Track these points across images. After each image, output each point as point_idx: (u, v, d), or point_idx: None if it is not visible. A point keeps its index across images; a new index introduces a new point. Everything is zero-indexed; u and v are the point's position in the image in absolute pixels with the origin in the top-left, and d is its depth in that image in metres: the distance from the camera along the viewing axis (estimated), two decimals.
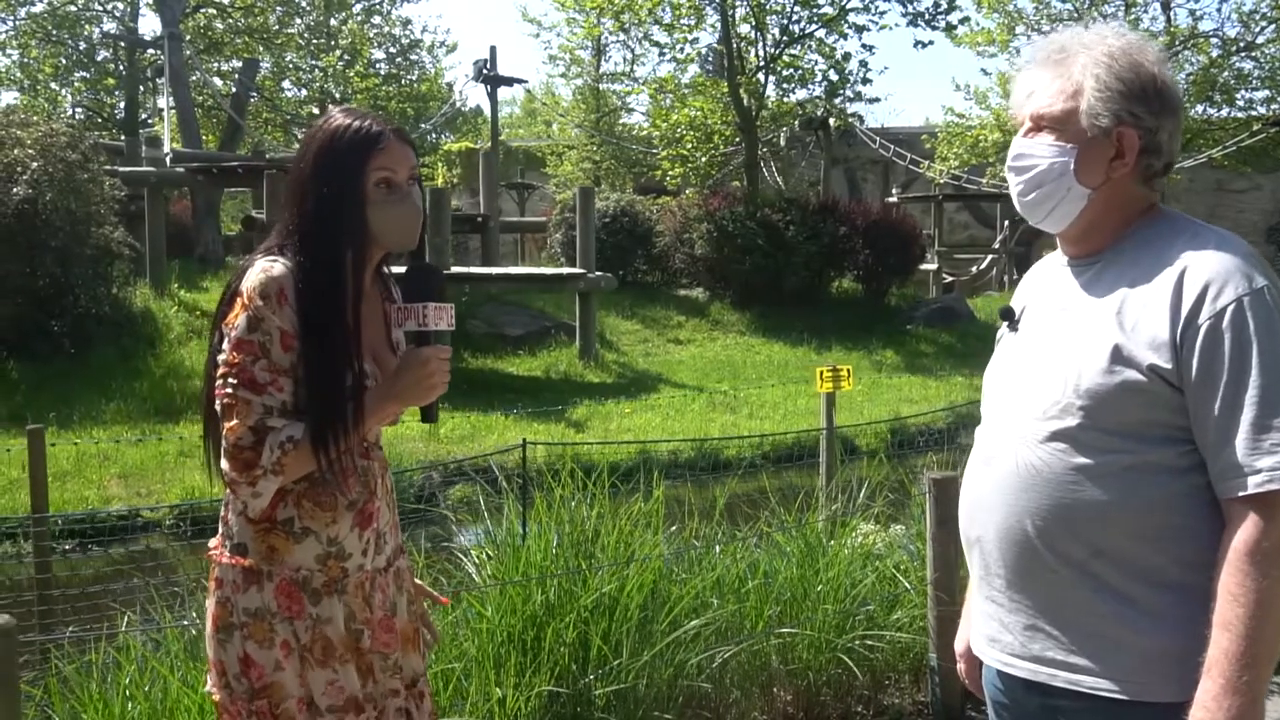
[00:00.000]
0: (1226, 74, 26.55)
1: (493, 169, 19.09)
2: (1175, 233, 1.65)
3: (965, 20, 20.93)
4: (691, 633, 3.45)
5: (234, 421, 1.82)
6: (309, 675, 1.91)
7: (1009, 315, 1.89)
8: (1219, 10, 45.54)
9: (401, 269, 2.03)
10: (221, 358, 1.85)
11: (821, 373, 5.51)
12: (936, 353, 16.75)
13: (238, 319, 1.85)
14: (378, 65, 31.76)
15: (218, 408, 1.86)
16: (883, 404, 12.80)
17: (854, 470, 7.52)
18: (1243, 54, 26.48)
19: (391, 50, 32.39)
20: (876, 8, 19.14)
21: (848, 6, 19.06)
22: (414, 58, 32.89)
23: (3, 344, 11.90)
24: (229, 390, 1.83)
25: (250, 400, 1.82)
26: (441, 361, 1.91)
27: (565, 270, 14.45)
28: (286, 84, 30.81)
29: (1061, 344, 1.67)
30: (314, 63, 28.99)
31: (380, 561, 2.01)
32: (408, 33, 32.84)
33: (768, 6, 18.89)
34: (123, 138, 21.76)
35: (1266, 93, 25.80)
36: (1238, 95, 25.47)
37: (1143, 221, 1.69)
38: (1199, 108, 26.81)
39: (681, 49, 20.21)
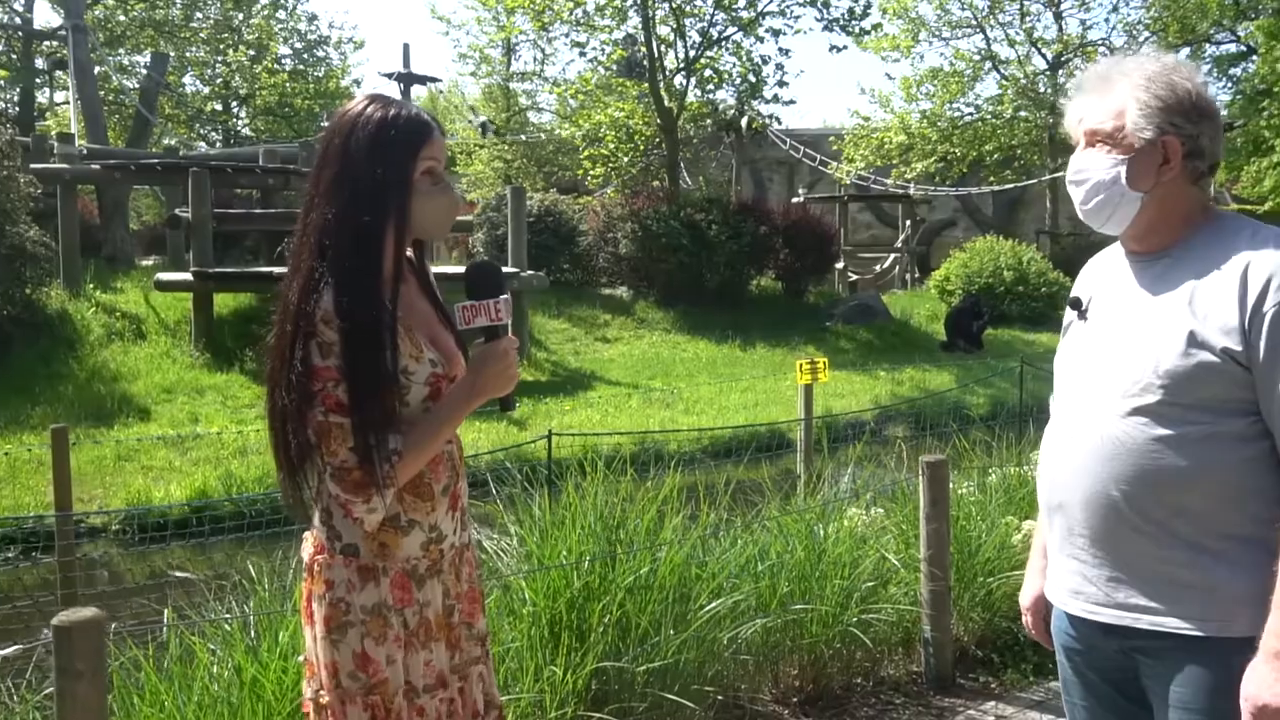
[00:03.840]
0: None
1: None
2: (1235, 231, 1.88)
3: (877, 26, 21.58)
4: (720, 611, 3.65)
5: (333, 446, 1.86)
6: (410, 660, 1.98)
7: (1077, 305, 2.12)
8: (1107, 20, 47.61)
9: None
10: (303, 389, 1.87)
11: (801, 365, 5.77)
12: (857, 349, 17.27)
13: (306, 348, 1.87)
14: (283, 61, 31.13)
15: (311, 436, 1.89)
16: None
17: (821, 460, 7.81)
18: None
19: (297, 46, 31.80)
20: (791, 12, 19.62)
21: (764, 10, 19.49)
22: (321, 54, 32.34)
23: None
24: (320, 418, 1.86)
25: (342, 423, 1.86)
26: (515, 352, 2.01)
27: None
28: (188, 79, 29.95)
29: (1138, 330, 1.89)
30: (219, 58, 28.26)
31: (465, 537, 2.11)
32: (314, 28, 32.31)
33: (687, 9, 19.20)
34: (14, 132, 20.89)
35: None
36: None
37: (1203, 221, 1.92)
38: None
39: (604, 50, 20.36)
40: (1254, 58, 21.71)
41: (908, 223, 26.81)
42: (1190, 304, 1.83)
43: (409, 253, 2.09)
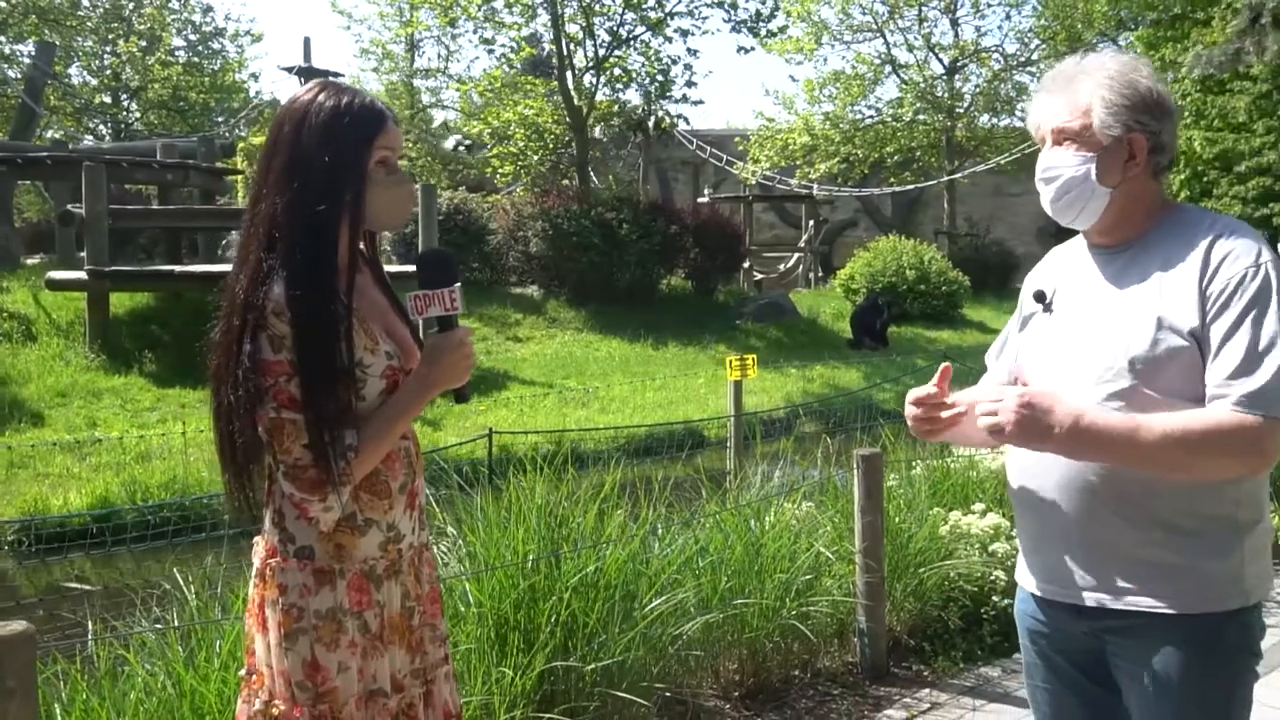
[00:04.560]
0: (1008, 87, 28.88)
1: None
2: (1195, 222, 1.96)
3: (784, 29, 21.93)
4: (665, 608, 3.65)
5: (286, 444, 1.80)
6: (368, 665, 1.92)
7: (1042, 298, 2.17)
8: (1000, 28, 49.21)
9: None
10: (253, 385, 1.81)
11: (730, 361, 5.81)
12: (767, 346, 17.48)
13: (255, 341, 1.81)
14: (177, 53, 30.09)
15: (261, 434, 1.83)
16: (725, 396, 13.29)
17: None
18: (1021, 69, 28.83)
19: (192, 38, 30.77)
20: (700, 13, 19.79)
21: (672, 11, 19.61)
22: (216, 46, 31.36)
23: None
24: (271, 415, 1.80)
25: (295, 419, 1.80)
26: (471, 341, 1.97)
27: (411, 269, 14.24)
28: (75, 69, 28.70)
29: (1108, 319, 1.95)
30: (108, 48, 27.15)
31: (424, 537, 2.05)
32: (209, 20, 31.30)
33: (596, 8, 19.19)
34: None
35: None
36: (1018, 107, 27.75)
37: (1164, 214, 2.00)
38: (984, 118, 29.06)
39: (513, 47, 20.20)
40: None
41: (811, 223, 27.27)
42: (1158, 292, 1.90)
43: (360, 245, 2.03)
